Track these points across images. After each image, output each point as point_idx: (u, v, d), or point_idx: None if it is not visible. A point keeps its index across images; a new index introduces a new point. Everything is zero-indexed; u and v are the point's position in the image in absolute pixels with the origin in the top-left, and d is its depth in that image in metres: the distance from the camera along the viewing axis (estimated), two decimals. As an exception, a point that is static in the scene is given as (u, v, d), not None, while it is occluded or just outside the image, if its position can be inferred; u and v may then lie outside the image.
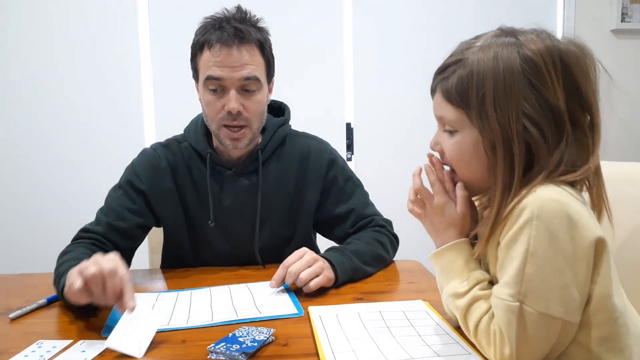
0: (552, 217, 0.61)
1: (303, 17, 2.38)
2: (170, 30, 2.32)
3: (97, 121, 2.36)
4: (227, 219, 1.20)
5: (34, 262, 2.29)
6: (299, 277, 0.96)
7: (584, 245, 0.62)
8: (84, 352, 0.74)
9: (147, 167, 1.19)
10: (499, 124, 0.65)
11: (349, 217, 1.24)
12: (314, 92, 2.40)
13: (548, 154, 0.65)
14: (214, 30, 1.09)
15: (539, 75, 0.65)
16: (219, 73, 1.08)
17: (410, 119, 2.46)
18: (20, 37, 2.30)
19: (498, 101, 0.65)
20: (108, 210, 1.16)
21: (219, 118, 1.11)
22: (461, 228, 0.74)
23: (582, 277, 0.63)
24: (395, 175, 2.46)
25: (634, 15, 2.52)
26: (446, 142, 0.73)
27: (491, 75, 0.66)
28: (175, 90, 2.32)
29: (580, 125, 0.67)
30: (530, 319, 0.62)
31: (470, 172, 0.72)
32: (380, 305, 0.90)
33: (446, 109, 0.71)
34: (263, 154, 1.20)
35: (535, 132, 0.65)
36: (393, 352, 0.71)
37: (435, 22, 2.46)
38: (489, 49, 0.67)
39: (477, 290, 0.69)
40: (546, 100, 0.65)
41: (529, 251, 0.62)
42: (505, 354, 0.63)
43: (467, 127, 0.70)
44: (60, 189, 2.35)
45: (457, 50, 0.72)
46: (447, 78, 0.70)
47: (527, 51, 0.66)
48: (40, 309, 0.95)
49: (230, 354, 0.71)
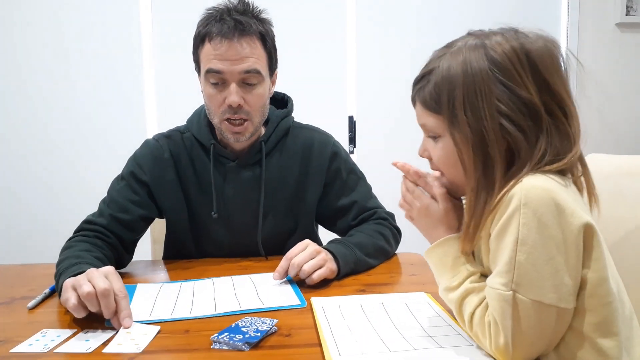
0: (539, 205, 0.62)
1: (306, 8, 2.38)
2: (173, 22, 2.32)
3: (99, 114, 2.36)
4: (230, 211, 1.20)
5: (36, 254, 2.31)
6: (302, 269, 0.97)
7: (573, 231, 0.62)
8: (88, 341, 0.75)
9: (150, 159, 1.19)
10: (469, 126, 0.67)
11: (352, 209, 1.24)
12: (316, 85, 2.40)
13: (529, 147, 0.67)
14: (215, 22, 1.07)
15: (508, 73, 0.67)
16: (219, 66, 1.07)
17: (412, 112, 2.45)
18: (21, 31, 2.30)
19: (468, 104, 0.67)
20: (111, 202, 1.16)
21: (220, 111, 1.11)
22: (447, 224, 0.77)
23: (573, 262, 0.63)
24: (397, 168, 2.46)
25: (639, 9, 2.51)
26: (432, 148, 0.76)
27: (460, 79, 0.68)
28: (177, 82, 2.32)
29: (556, 116, 0.68)
30: (524, 307, 0.62)
31: (458, 174, 0.73)
32: (383, 297, 0.91)
33: (425, 117, 0.75)
34: (266, 146, 1.20)
35: (512, 128, 0.66)
36: (395, 343, 0.71)
37: (438, 15, 2.45)
38: (458, 54, 0.70)
39: (468, 283, 0.70)
40: (518, 96, 0.66)
41: (519, 239, 0.62)
42: (500, 343, 0.64)
43: (447, 132, 0.72)
44: (61, 182, 2.36)
45: (431, 59, 0.75)
46: (423, 87, 0.74)
47: (494, 53, 0.68)
48: (44, 299, 0.95)
49: (234, 343, 0.71)
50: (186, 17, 2.35)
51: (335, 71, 2.44)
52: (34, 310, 0.90)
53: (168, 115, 2.35)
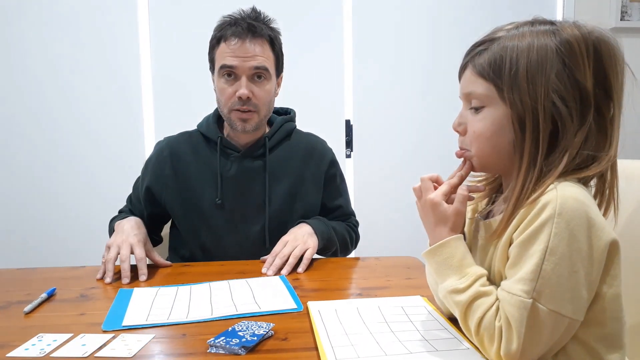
0: (573, 216, 0.62)
1: (303, 13, 2.38)
2: (171, 30, 2.31)
3: (97, 121, 2.35)
4: (233, 200, 1.28)
5: (32, 258, 2.30)
6: (289, 263, 1.11)
7: (600, 247, 0.63)
8: (84, 345, 0.75)
9: (155, 161, 1.32)
10: (530, 97, 0.67)
11: (336, 211, 1.39)
12: (313, 89, 2.40)
13: (573, 132, 0.67)
14: (229, 26, 1.22)
15: (573, 56, 0.67)
16: (232, 62, 1.19)
17: (409, 116, 2.47)
18: (19, 35, 2.30)
19: (530, 76, 0.67)
20: (133, 201, 1.37)
21: (230, 103, 1.22)
22: (452, 225, 0.74)
23: (593, 277, 0.63)
24: (394, 171, 2.47)
25: (634, 13, 2.53)
26: (471, 120, 0.74)
27: (526, 51, 0.68)
28: (175, 90, 2.33)
29: (602, 113, 0.69)
30: (541, 316, 0.62)
31: (491, 149, 0.73)
32: (379, 301, 0.91)
33: (476, 83, 0.72)
34: (270, 142, 1.30)
35: (564, 108, 0.66)
36: (391, 347, 0.71)
37: (434, 20, 2.46)
38: (525, 31, 0.70)
39: (478, 286, 0.69)
40: (576, 80, 0.67)
41: (549, 248, 0.62)
42: (512, 349, 0.63)
43: (495, 102, 0.71)
44: (59, 185, 2.35)
45: (490, 32, 0.74)
46: (479, 53, 0.72)
47: (565, 34, 0.68)
48: (41, 303, 0.95)
49: (230, 347, 0.71)
50: (183, 29, 2.37)
51: (332, 75, 2.44)
52: (30, 314, 0.90)
53: (165, 120, 2.35)
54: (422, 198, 0.77)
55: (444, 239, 0.74)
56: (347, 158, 2.46)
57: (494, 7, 2.46)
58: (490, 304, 0.67)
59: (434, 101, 2.44)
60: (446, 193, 0.76)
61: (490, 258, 0.73)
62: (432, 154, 2.44)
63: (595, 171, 0.68)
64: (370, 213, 2.41)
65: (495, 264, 0.71)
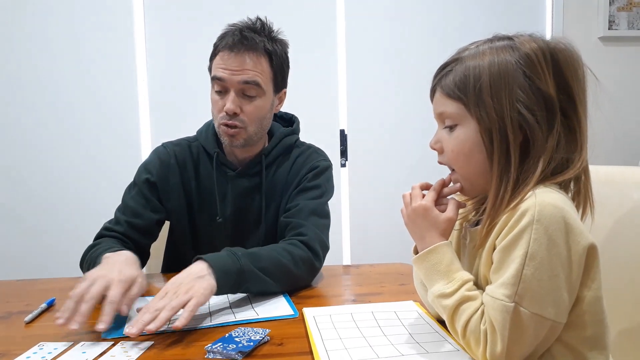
0: (551, 222, 0.64)
1: (297, 23, 2.42)
2: (166, 34, 2.34)
3: (92, 127, 2.36)
4: (230, 217, 1.25)
5: (32, 269, 2.31)
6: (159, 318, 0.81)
7: (578, 251, 0.65)
8: (85, 353, 0.76)
9: (158, 163, 1.26)
10: (495, 111, 0.70)
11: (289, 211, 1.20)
12: (307, 99, 2.43)
13: (543, 138, 0.70)
14: (226, 37, 1.16)
15: (532, 66, 0.70)
16: (220, 74, 1.14)
17: (403, 125, 2.50)
18: (15, 37, 2.32)
19: (494, 90, 0.71)
20: (125, 209, 1.22)
21: (220, 116, 1.18)
22: (442, 231, 0.77)
23: (573, 281, 0.66)
24: (388, 180, 2.49)
25: (621, 22, 2.58)
26: (446, 139, 0.77)
27: (487, 67, 0.71)
28: (171, 94, 2.34)
29: (569, 116, 0.72)
30: (524, 320, 0.64)
31: (470, 166, 0.75)
32: (373, 306, 0.93)
33: (446, 103, 0.76)
34: (267, 159, 1.26)
35: (530, 117, 0.69)
36: (385, 350, 0.73)
37: (427, 29, 2.50)
38: (485, 46, 0.74)
39: (464, 291, 0.71)
40: (539, 88, 0.70)
41: (528, 254, 0.64)
42: (497, 351, 0.65)
43: (466, 119, 0.74)
44: (55, 198, 2.36)
45: (454, 54, 0.78)
46: (445, 75, 0.76)
47: (522, 47, 0.72)
48: (41, 313, 0.97)
49: (227, 353, 0.73)
50: (179, 32, 2.39)
51: (327, 85, 2.48)
52: (31, 324, 0.91)
53: (161, 128, 2.37)
54: (411, 205, 0.80)
55: (433, 245, 0.76)
56: (342, 167, 2.48)
57: (484, 17, 2.51)
58: (476, 308, 0.69)
59: (428, 111, 2.46)
60: (434, 199, 0.79)
61: (477, 264, 0.76)
62: (426, 164, 2.44)
63: (572, 174, 0.71)
64: (365, 221, 2.44)
65: (481, 269, 0.74)
